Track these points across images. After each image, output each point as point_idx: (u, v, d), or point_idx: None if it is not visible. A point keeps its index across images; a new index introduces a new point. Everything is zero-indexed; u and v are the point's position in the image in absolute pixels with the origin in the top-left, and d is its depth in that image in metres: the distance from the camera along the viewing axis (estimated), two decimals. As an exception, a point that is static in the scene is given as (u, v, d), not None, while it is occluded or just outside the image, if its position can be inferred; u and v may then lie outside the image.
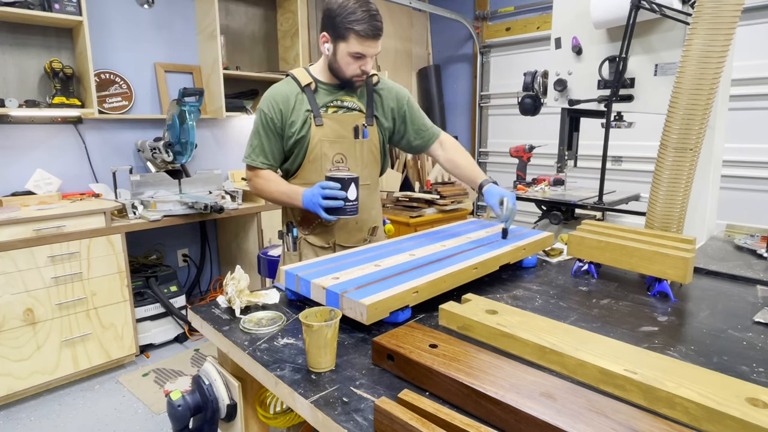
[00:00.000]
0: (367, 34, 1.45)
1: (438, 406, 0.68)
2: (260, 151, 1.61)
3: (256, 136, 1.61)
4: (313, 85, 1.59)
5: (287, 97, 1.57)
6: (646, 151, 3.60)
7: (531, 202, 2.66)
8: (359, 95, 1.64)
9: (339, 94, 1.61)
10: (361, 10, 1.44)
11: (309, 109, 1.57)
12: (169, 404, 1.09)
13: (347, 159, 1.62)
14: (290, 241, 1.67)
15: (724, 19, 1.21)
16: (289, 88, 1.59)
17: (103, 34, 3.05)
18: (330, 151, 1.59)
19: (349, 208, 1.44)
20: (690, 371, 0.75)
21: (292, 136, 1.58)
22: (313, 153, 1.58)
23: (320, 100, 1.59)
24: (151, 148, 3.08)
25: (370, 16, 1.45)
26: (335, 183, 1.43)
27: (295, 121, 1.57)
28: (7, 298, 2.29)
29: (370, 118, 1.64)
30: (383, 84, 1.69)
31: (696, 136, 1.29)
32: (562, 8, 2.01)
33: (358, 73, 1.53)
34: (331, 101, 1.60)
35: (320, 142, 1.57)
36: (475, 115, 4.76)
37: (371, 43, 1.48)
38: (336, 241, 1.67)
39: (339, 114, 1.60)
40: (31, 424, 2.29)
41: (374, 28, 1.46)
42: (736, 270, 1.39)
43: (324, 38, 1.53)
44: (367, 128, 1.63)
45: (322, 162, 1.59)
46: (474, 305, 1.03)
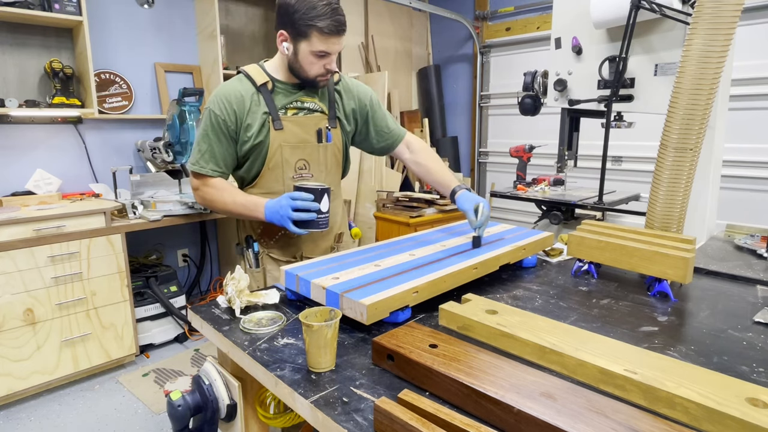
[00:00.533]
0: (330, 30, 1.35)
1: (438, 406, 0.68)
2: (210, 156, 1.44)
3: (205, 139, 1.43)
4: (270, 85, 1.46)
5: (242, 98, 1.42)
6: (646, 151, 3.60)
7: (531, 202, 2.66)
8: (320, 95, 1.52)
9: (298, 95, 1.48)
10: (321, 5, 1.33)
11: (267, 112, 1.43)
12: (169, 404, 1.09)
13: (310, 165, 1.50)
14: (251, 258, 1.52)
15: (724, 19, 1.21)
16: (244, 88, 1.44)
17: (103, 34, 3.05)
18: (292, 157, 1.47)
19: (320, 220, 1.35)
20: (690, 371, 0.75)
21: (248, 141, 1.43)
22: (273, 160, 1.45)
23: (278, 102, 1.46)
24: (151, 148, 3.08)
25: (332, 10, 1.34)
26: (307, 194, 1.32)
27: (251, 125, 1.42)
28: (7, 298, 2.29)
29: (333, 119, 1.53)
30: (345, 83, 1.58)
31: (696, 136, 1.29)
32: (562, 8, 2.01)
33: (322, 72, 1.42)
34: (290, 102, 1.47)
35: (280, 147, 1.44)
36: (475, 115, 4.76)
37: (335, 39, 1.38)
38: (303, 253, 1.56)
39: (300, 116, 1.48)
40: (31, 424, 2.29)
41: (338, 23, 1.36)
42: (736, 270, 1.39)
43: (282, 36, 1.42)
44: (331, 131, 1.52)
45: (284, 169, 1.46)
46: (474, 305, 1.03)
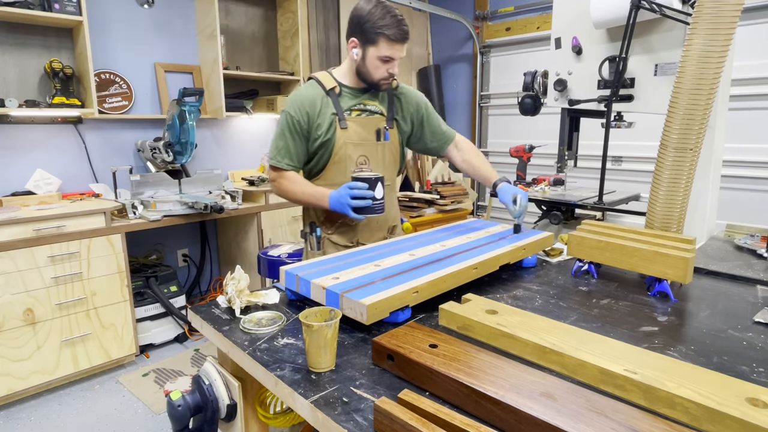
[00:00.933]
0: (396, 38, 1.53)
1: (438, 406, 0.68)
2: (285, 152, 1.64)
3: (282, 138, 1.63)
4: (338, 89, 1.65)
5: (314, 101, 1.62)
6: (646, 151, 3.60)
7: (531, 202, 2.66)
8: (381, 99, 1.70)
9: (362, 98, 1.67)
10: (389, 16, 1.53)
11: (334, 113, 1.62)
12: (169, 404, 1.09)
13: (370, 161, 1.68)
14: (314, 241, 1.71)
15: (724, 19, 1.21)
16: (315, 92, 1.64)
17: (103, 34, 3.05)
18: (354, 153, 1.65)
19: (376, 206, 1.50)
20: (690, 371, 0.75)
21: (318, 139, 1.62)
22: (338, 155, 1.64)
23: (344, 104, 1.65)
24: (151, 148, 3.08)
25: (398, 21, 1.54)
26: (363, 183, 1.48)
27: (321, 124, 1.61)
28: (7, 298, 2.29)
29: (390, 121, 1.71)
30: (402, 89, 1.76)
31: (696, 136, 1.29)
32: (562, 8, 2.01)
33: (385, 76, 1.60)
34: (354, 105, 1.66)
35: (345, 144, 1.63)
36: (475, 115, 4.76)
37: (399, 46, 1.56)
38: (359, 239, 1.72)
39: (362, 117, 1.67)
40: (31, 424, 2.29)
41: (402, 32, 1.54)
42: (736, 270, 1.39)
43: (353, 43, 1.62)
44: (389, 131, 1.70)
45: (347, 163, 1.65)
46: (474, 305, 1.03)
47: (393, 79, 1.63)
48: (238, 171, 3.79)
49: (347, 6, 4.33)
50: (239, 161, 3.84)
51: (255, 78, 3.64)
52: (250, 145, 3.89)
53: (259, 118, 3.89)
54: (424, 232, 1.61)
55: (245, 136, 3.87)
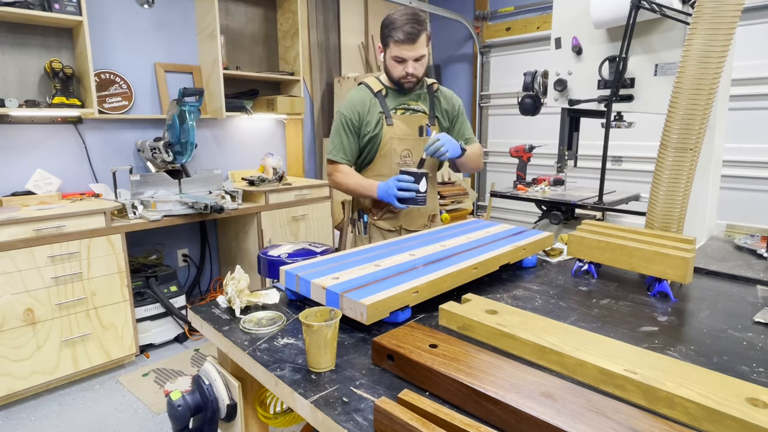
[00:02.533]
0: (399, 39, 1.68)
1: (438, 406, 0.68)
2: (341, 148, 1.85)
3: (337, 135, 1.85)
4: (384, 91, 1.85)
5: (363, 102, 1.83)
6: (646, 151, 3.60)
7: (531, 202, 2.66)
8: (423, 99, 1.89)
9: (406, 99, 1.87)
10: (401, 20, 1.68)
11: (381, 111, 1.82)
12: (169, 404, 1.09)
13: (413, 154, 1.86)
14: (362, 226, 1.93)
15: (724, 19, 1.21)
16: (365, 94, 1.85)
17: (103, 34, 3.05)
18: (399, 147, 1.84)
19: (419, 198, 1.67)
20: (690, 371, 0.75)
21: (367, 134, 1.82)
22: (384, 148, 1.84)
23: (390, 104, 1.85)
24: (151, 148, 3.08)
25: (406, 22, 1.67)
26: (409, 177, 1.65)
27: (370, 122, 1.82)
28: (7, 298, 2.29)
29: (432, 118, 1.89)
30: (442, 90, 1.96)
31: (696, 136, 1.29)
32: (562, 8, 2.01)
33: (402, 75, 1.76)
34: (399, 104, 1.86)
35: (390, 139, 1.82)
36: (475, 115, 4.76)
37: (407, 47, 1.70)
38: (402, 225, 1.91)
39: (406, 115, 1.86)
40: (31, 424, 2.29)
41: (406, 33, 1.67)
42: (736, 270, 1.39)
43: (379, 48, 1.82)
44: (430, 128, 1.86)
45: (392, 156, 1.84)
46: (474, 305, 1.03)
47: (411, 77, 1.77)
48: (238, 171, 3.79)
49: (347, 6, 4.33)
50: (239, 161, 3.84)
51: (255, 78, 3.63)
52: (250, 145, 3.89)
53: (259, 118, 3.89)
54: (424, 232, 1.61)
55: (245, 136, 3.87)
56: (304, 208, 3.50)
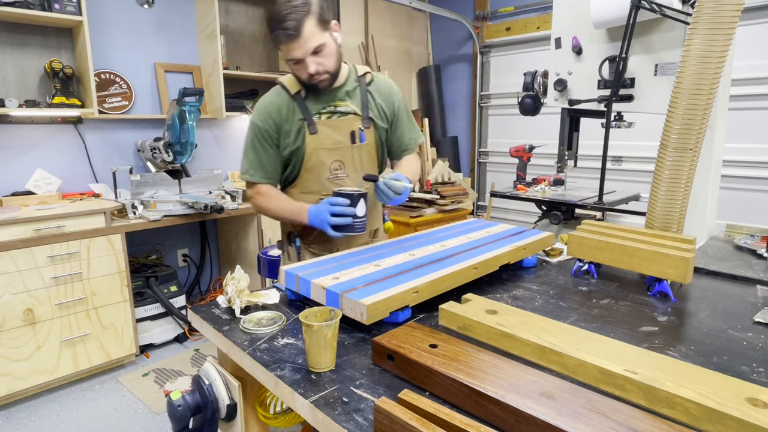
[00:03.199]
0: (280, 41, 1.38)
1: (438, 406, 0.68)
2: (258, 165, 1.56)
3: (252, 150, 1.55)
4: (303, 92, 1.53)
5: (279, 108, 1.52)
6: (646, 151, 3.60)
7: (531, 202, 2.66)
8: (353, 98, 1.57)
9: (331, 99, 1.54)
10: (279, 14, 1.36)
11: (302, 118, 1.51)
12: (169, 404, 1.09)
13: (345, 165, 1.56)
14: (294, 252, 1.63)
15: (724, 19, 1.21)
16: (280, 98, 1.54)
17: (103, 34, 3.05)
18: (327, 159, 1.54)
19: (357, 225, 1.39)
20: (690, 371, 0.75)
21: (287, 146, 1.53)
22: (310, 161, 1.53)
23: (312, 108, 1.53)
24: (151, 148, 3.08)
25: (284, 16, 1.35)
26: (343, 199, 1.37)
27: (290, 131, 1.52)
28: (7, 298, 2.29)
29: (366, 120, 1.56)
30: (377, 83, 1.62)
31: (696, 136, 1.29)
32: (562, 8, 2.01)
33: (306, 77, 1.45)
34: (323, 107, 1.54)
35: (316, 150, 1.52)
36: (475, 115, 4.76)
37: (292, 46, 1.38)
38: (339, 248, 1.62)
39: (334, 120, 1.54)
40: (31, 424, 2.29)
41: (284, 30, 1.35)
42: (736, 270, 1.39)
43: None
44: (364, 131, 1.56)
45: (320, 170, 1.55)
46: (474, 305, 1.03)
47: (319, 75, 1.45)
48: (238, 171, 3.79)
49: (347, 6, 4.33)
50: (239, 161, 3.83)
51: (255, 78, 3.63)
52: (250, 145, 3.89)
53: (259, 118, 3.89)
54: (424, 232, 1.61)
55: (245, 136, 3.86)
56: (304, 208, 3.49)
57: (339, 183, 1.56)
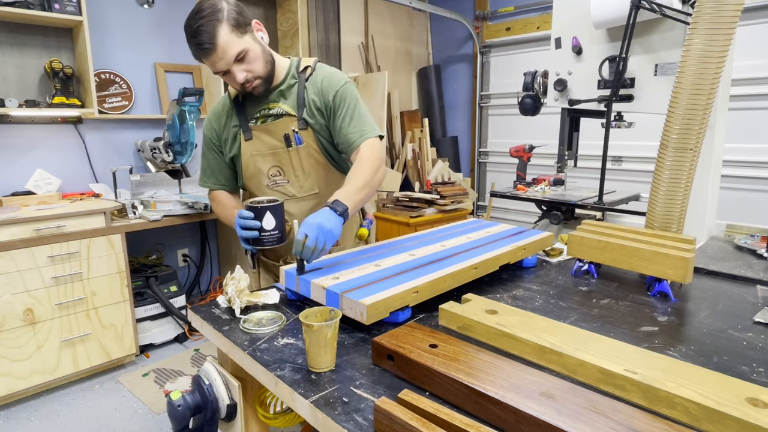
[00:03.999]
0: (197, 55, 1.32)
1: (438, 406, 0.68)
2: (210, 172, 1.57)
3: (204, 157, 1.57)
4: (241, 97, 1.48)
5: (219, 115, 1.51)
6: (646, 151, 3.60)
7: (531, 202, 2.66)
8: (288, 97, 1.47)
9: (266, 102, 1.47)
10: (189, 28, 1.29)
11: (237, 125, 1.47)
12: (169, 404, 1.09)
13: (284, 171, 1.49)
14: (249, 260, 1.56)
15: (724, 19, 1.21)
16: (222, 105, 1.51)
17: (103, 34, 3.05)
18: (264, 166, 1.48)
19: (266, 238, 1.30)
20: (690, 371, 0.75)
21: (227, 155, 1.52)
22: (248, 170, 1.49)
23: (249, 112, 1.48)
24: (151, 148, 3.08)
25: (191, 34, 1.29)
26: (248, 212, 1.29)
27: (227, 139, 1.50)
28: (7, 298, 2.29)
29: (302, 120, 1.45)
30: (315, 75, 1.48)
31: (696, 136, 1.29)
32: (562, 8, 2.01)
33: (239, 87, 1.39)
34: (258, 111, 1.47)
35: (252, 157, 1.47)
36: (475, 115, 4.77)
37: (211, 59, 1.31)
38: (287, 258, 1.56)
39: (267, 124, 1.46)
40: (31, 424, 2.29)
41: (196, 45, 1.28)
42: (736, 270, 1.39)
43: None
44: (299, 133, 1.45)
45: (259, 178, 1.49)
46: (474, 305, 1.03)
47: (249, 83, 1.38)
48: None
49: (347, 6, 4.33)
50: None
51: (255, 78, 3.63)
52: (250, 145, 3.89)
53: (259, 118, 3.89)
54: (424, 232, 1.61)
55: (245, 136, 3.86)
56: (304, 208, 3.49)
57: (279, 190, 1.51)
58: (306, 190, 1.51)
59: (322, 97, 1.46)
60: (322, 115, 1.47)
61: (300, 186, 1.50)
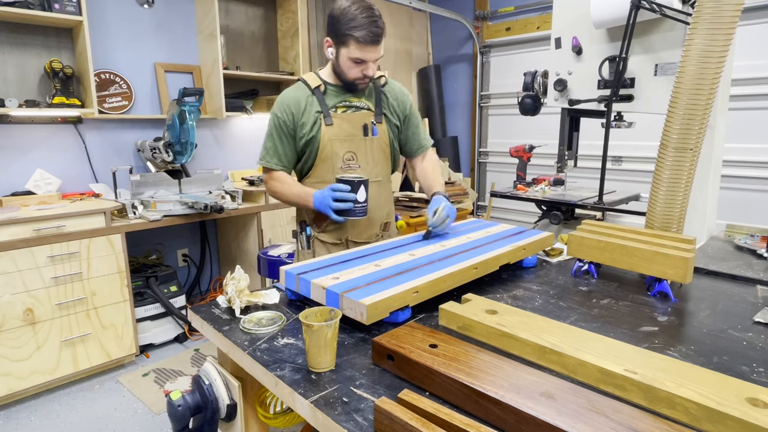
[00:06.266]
0: (365, 40, 1.50)
1: (438, 406, 0.68)
2: (273, 153, 1.67)
3: (270, 139, 1.67)
4: (323, 87, 1.65)
5: (298, 101, 1.64)
6: (646, 151, 3.60)
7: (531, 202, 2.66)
8: (367, 95, 1.70)
9: (348, 95, 1.67)
10: (361, 17, 1.48)
11: (319, 110, 1.63)
12: (169, 404, 1.09)
13: (357, 156, 1.67)
14: (304, 240, 1.72)
15: (724, 19, 1.21)
16: (300, 92, 1.65)
17: (103, 34, 3.05)
18: (340, 150, 1.65)
19: (358, 209, 1.49)
20: (690, 371, 0.75)
21: (303, 137, 1.64)
22: (324, 152, 1.64)
23: (330, 101, 1.65)
24: (151, 148, 3.08)
25: (370, 22, 1.49)
26: (345, 185, 1.47)
27: (305, 123, 1.63)
28: (7, 298, 2.29)
29: (379, 115, 1.69)
30: (391, 85, 1.76)
31: (696, 136, 1.29)
32: (562, 8, 2.01)
33: (359, 77, 1.59)
34: (340, 102, 1.66)
35: (330, 141, 1.63)
36: (475, 115, 4.77)
37: (371, 48, 1.53)
38: (348, 237, 1.72)
39: (348, 113, 1.66)
40: (31, 424, 2.29)
41: (373, 34, 1.50)
42: (736, 270, 1.39)
43: (327, 43, 1.60)
44: (376, 126, 1.68)
45: (333, 161, 1.64)
46: (474, 305, 1.03)
47: (369, 80, 1.62)
48: (238, 171, 3.79)
49: (347, 6, 4.33)
50: (239, 161, 3.84)
51: (255, 78, 3.63)
52: (250, 145, 3.89)
53: (259, 118, 3.89)
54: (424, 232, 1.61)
55: (245, 136, 3.86)
56: (304, 208, 3.50)
57: (351, 173, 1.64)
58: (373, 176, 1.68)
59: (400, 104, 1.76)
60: (397, 117, 1.76)
61: (369, 172, 1.68)
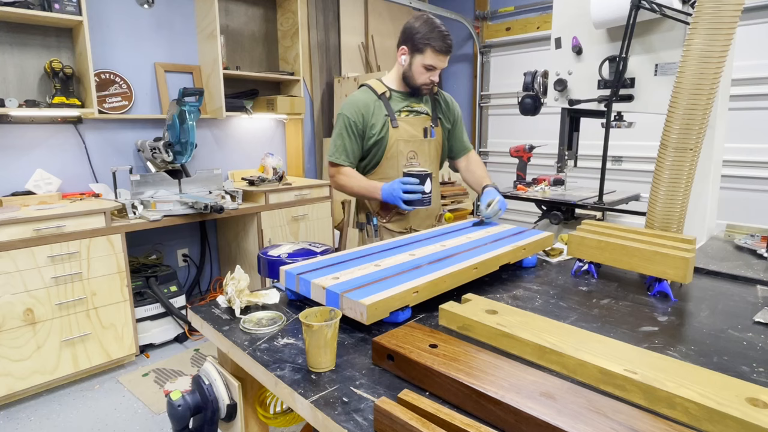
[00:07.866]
0: (441, 49, 1.76)
1: (438, 406, 0.68)
2: (342, 150, 1.86)
3: (340, 137, 1.86)
4: (388, 93, 1.88)
5: (367, 104, 1.84)
6: (646, 151, 3.60)
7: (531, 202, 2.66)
8: (425, 102, 1.94)
9: (410, 101, 1.91)
10: (437, 31, 1.75)
11: (387, 114, 1.85)
12: (169, 404, 1.09)
13: (418, 155, 1.90)
14: (372, 230, 1.93)
15: (724, 19, 1.21)
16: (368, 97, 1.87)
17: (103, 34, 3.05)
18: (405, 149, 1.87)
19: (425, 199, 1.70)
20: (690, 371, 0.75)
21: (372, 137, 1.84)
22: (390, 150, 1.86)
23: (394, 106, 1.87)
24: (151, 148, 3.08)
25: (445, 35, 1.76)
26: (414, 178, 1.68)
27: (375, 124, 1.84)
28: (7, 298, 2.29)
29: (435, 120, 1.94)
30: (442, 94, 2.02)
31: (696, 136, 1.29)
32: (562, 8, 2.01)
33: (427, 83, 1.82)
34: (403, 107, 1.89)
35: (397, 141, 1.85)
36: (475, 115, 4.76)
37: (443, 57, 1.78)
38: (411, 226, 1.94)
39: (411, 117, 1.90)
40: (31, 424, 2.29)
41: (447, 45, 1.77)
42: (736, 270, 1.39)
43: (402, 51, 1.83)
44: (434, 129, 1.93)
45: (398, 159, 1.87)
46: (474, 305, 1.03)
47: (434, 85, 1.85)
48: (238, 171, 3.79)
49: (347, 6, 4.33)
50: (239, 161, 3.84)
51: (255, 78, 3.63)
52: (250, 145, 3.89)
53: (259, 118, 3.89)
54: (424, 232, 1.61)
55: (245, 136, 3.86)
56: (304, 208, 3.50)
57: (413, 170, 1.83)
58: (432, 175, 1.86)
59: (451, 110, 2.02)
60: (449, 121, 2.01)
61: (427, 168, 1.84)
